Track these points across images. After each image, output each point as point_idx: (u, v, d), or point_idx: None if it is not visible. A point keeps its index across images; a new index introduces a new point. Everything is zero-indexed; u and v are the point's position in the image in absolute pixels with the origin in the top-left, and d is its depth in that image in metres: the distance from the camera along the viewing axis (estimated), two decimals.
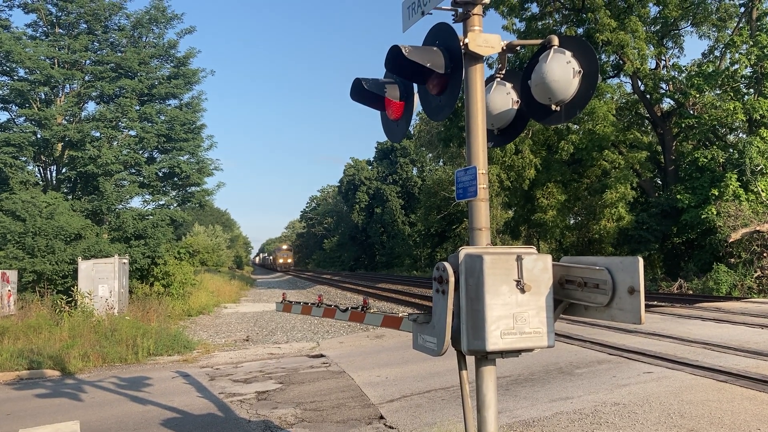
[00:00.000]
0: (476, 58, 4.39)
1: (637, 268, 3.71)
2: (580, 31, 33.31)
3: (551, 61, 4.49)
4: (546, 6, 34.86)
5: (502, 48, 4.56)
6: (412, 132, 70.15)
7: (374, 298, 28.15)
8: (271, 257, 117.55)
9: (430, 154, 75.66)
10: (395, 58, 4.21)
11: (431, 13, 4.52)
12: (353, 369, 11.62)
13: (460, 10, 4.43)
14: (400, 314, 6.64)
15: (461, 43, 4.27)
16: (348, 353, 13.87)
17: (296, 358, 13.44)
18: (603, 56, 33.25)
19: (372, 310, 6.30)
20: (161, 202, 26.71)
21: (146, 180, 25.46)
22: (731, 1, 33.49)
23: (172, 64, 27.40)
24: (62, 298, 19.60)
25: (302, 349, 15.12)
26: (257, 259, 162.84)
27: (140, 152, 25.64)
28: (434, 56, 4.22)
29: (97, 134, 24.72)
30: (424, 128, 65.27)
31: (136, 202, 57.96)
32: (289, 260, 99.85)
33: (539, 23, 34.58)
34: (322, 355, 13.59)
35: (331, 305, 7.10)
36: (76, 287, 19.20)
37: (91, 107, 40.56)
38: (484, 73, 4.52)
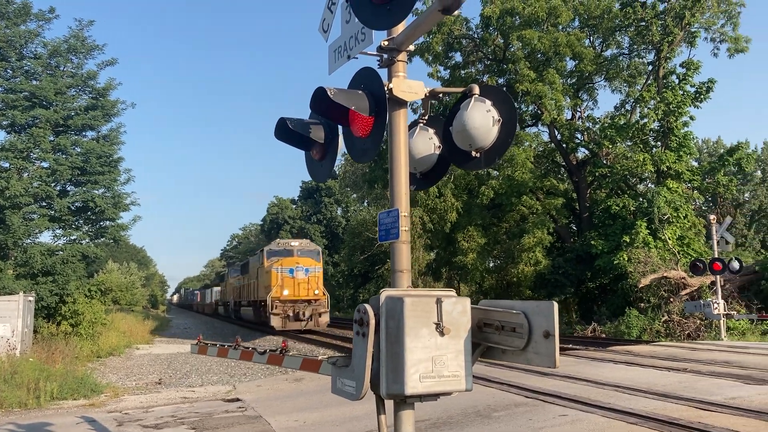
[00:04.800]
0: (400, 103, 4.47)
1: (552, 312, 3.81)
2: (502, 81, 34.65)
3: (472, 109, 4.63)
4: (469, 56, 36.13)
5: (426, 94, 4.66)
6: (337, 172, 70.44)
7: (295, 340, 27.64)
8: (194, 296, 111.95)
9: (355, 195, 76.06)
10: (320, 99, 4.24)
11: (357, 58, 4.59)
12: (270, 413, 11.29)
13: (385, 56, 4.53)
14: (320, 357, 6.56)
15: (386, 88, 4.34)
16: (266, 397, 13.49)
17: (211, 402, 12.95)
18: (522, 106, 34.64)
19: (291, 353, 6.19)
20: (73, 237, 25.51)
21: (58, 214, 24.31)
22: (641, 60, 35.76)
23: (90, 95, 26.55)
24: None
25: (218, 392, 14.61)
26: (175, 297, 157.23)
27: (52, 185, 24.50)
28: (359, 100, 4.27)
29: (6, 164, 23.52)
30: (349, 169, 65.68)
31: (45, 237, 55.09)
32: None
33: (463, 72, 35.74)
34: (238, 399, 13.16)
35: (248, 348, 6.92)
36: None
37: (0, 136, 38.71)
38: (407, 117, 4.61)
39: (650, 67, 34.00)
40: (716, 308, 22.00)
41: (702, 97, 30.21)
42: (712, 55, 33.45)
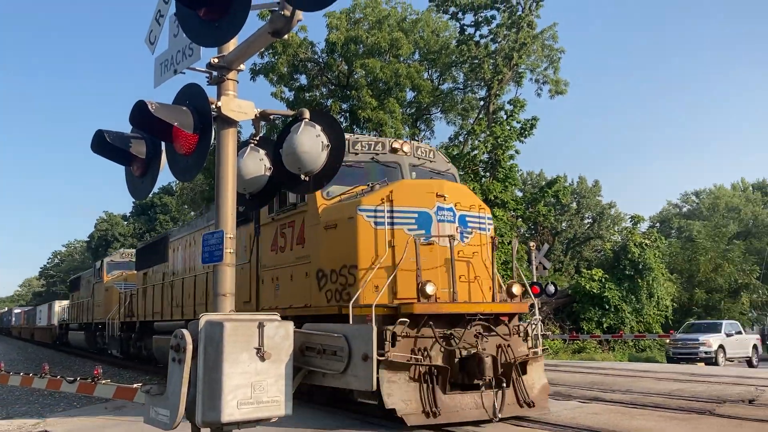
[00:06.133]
0: (229, 122, 4.39)
1: (371, 336, 3.89)
2: (345, 106, 35.29)
3: (302, 133, 4.64)
4: (314, 79, 36.43)
5: (256, 115, 4.62)
6: (174, 189, 67.56)
7: (119, 367, 25.79)
8: (13, 317, 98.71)
9: (193, 213, 73.32)
10: (141, 113, 4.05)
11: (184, 73, 4.45)
12: None
13: (215, 73, 4.43)
14: (135, 385, 6.19)
15: (213, 106, 4.24)
16: (79, 428, 12.45)
17: None
18: (364, 132, 35.46)
19: (104, 381, 5.77)
20: None
21: None
22: (474, 95, 38.13)
23: None
24: None
25: (23, 425, 13.25)
26: None
27: None
28: (183, 116, 4.13)
29: None
30: (187, 186, 63.28)
31: None
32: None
33: (307, 94, 35.93)
34: None
35: (56, 376, 6.36)
36: None
37: None
38: (236, 137, 4.52)
39: (482, 103, 36.32)
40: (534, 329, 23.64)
41: (526, 132, 32.74)
42: (536, 95, 36.39)
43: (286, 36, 3.91)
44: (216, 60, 4.38)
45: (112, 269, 27.73)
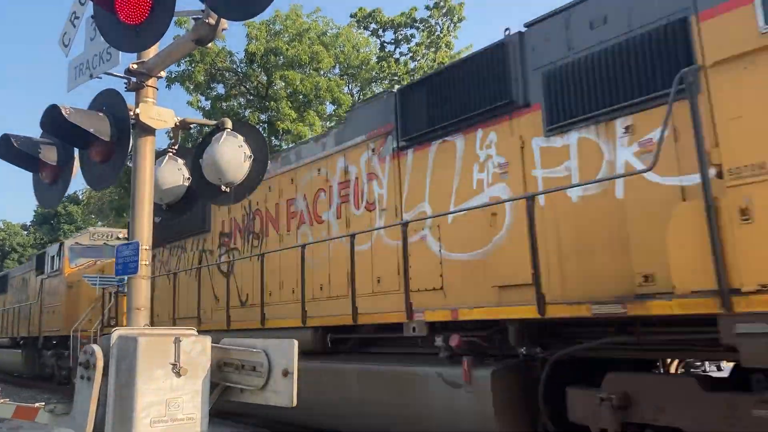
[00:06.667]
0: (147, 130, 4.26)
1: (293, 351, 3.84)
2: (264, 117, 34.92)
3: (223, 143, 4.57)
4: (232, 89, 35.89)
5: (176, 123, 4.51)
6: (81, 197, 64.62)
7: (18, 386, 24.27)
8: None
9: (101, 223, 70.35)
10: (53, 118, 3.86)
11: (101, 78, 4.30)
12: None
13: (133, 79, 4.29)
14: (37, 405, 5.83)
15: (131, 113, 4.11)
16: None
17: None
18: (283, 144, 35.17)
19: (1, 400, 5.41)
20: None
21: None
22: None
23: None
24: None
25: None
26: None
27: None
28: (99, 122, 3.97)
29: None
30: (95, 194, 60.65)
31: None
32: None
33: (225, 104, 35.34)
34: None
35: None
36: None
37: None
38: (155, 146, 4.39)
39: None
40: None
41: None
42: None
43: (209, 45, 3.84)
44: (135, 66, 4.24)
45: (77, 257, 18.43)
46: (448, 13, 32.88)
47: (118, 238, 18.69)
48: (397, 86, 7.84)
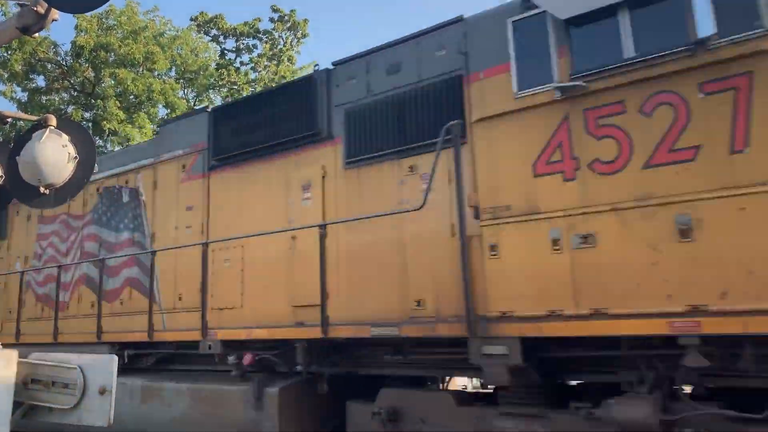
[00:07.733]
0: None
1: (112, 367, 3.65)
2: (88, 115, 32.86)
3: (46, 141, 4.27)
4: (54, 82, 33.44)
5: None
6: None
7: None
8: None
9: None
10: None
11: None
12: None
13: None
14: None
15: None
16: None
17: None
18: (108, 145, 33.27)
19: None
20: None
21: None
22: None
23: None
24: None
25: None
26: None
27: None
28: None
29: None
30: None
31: None
32: None
33: (44, 98, 32.82)
34: None
35: None
36: None
37: None
38: None
39: None
40: None
41: None
42: None
43: (36, 34, 3.73)
44: None
45: None
46: (292, 28, 33.14)
47: None
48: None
